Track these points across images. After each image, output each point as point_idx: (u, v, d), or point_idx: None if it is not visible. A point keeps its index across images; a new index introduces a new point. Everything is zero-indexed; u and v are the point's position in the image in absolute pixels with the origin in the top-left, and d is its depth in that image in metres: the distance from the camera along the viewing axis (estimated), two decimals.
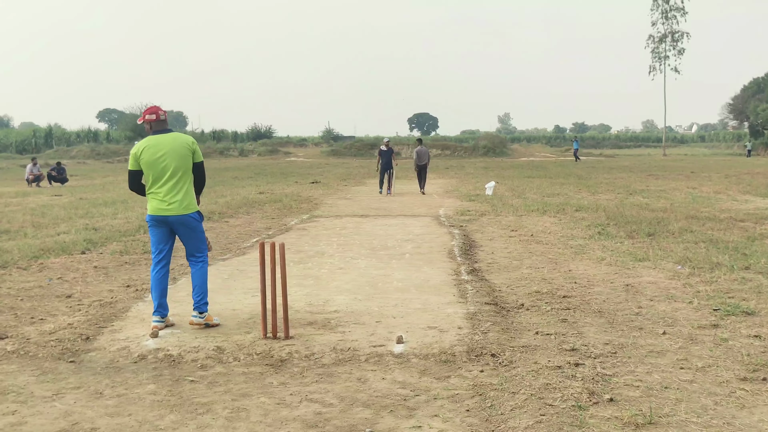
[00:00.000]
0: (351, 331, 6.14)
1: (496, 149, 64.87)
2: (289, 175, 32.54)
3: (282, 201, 18.98)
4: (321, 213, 16.36)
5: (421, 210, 17.04)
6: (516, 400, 4.49)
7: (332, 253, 10.39)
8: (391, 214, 16.05)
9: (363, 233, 12.63)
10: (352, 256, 10.06)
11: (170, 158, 6.22)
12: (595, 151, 71.89)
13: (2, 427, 4.16)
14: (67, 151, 62.52)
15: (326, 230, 13.14)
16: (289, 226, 13.83)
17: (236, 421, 4.27)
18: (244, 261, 9.70)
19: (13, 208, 17.31)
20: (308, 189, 24.05)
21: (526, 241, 11.31)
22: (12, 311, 6.97)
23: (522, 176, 30.35)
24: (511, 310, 6.85)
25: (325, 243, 11.43)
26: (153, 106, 6.40)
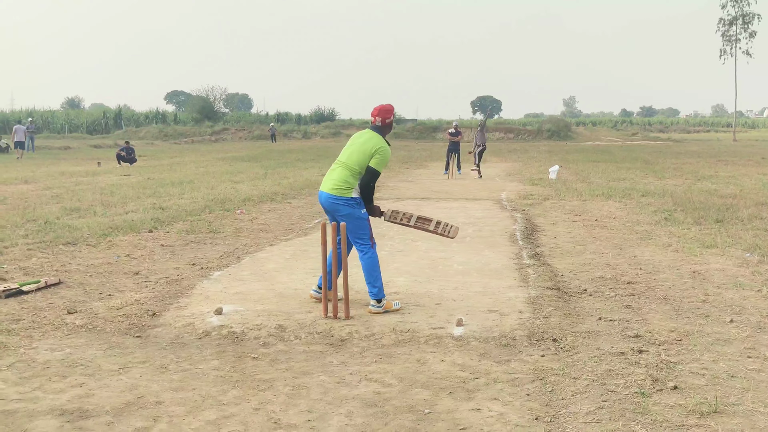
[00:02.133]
0: (411, 313, 6.15)
1: (560, 133, 63.94)
2: None
3: None
4: (381, 195, 16.38)
5: (482, 194, 16.93)
6: (577, 386, 4.44)
7: (392, 235, 10.40)
8: (452, 197, 15.99)
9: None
10: (412, 239, 10.06)
11: (352, 147, 6.48)
12: (663, 136, 70.31)
13: (70, 399, 4.29)
14: (136, 131, 63.85)
15: None
16: None
17: (297, 398, 4.32)
18: (306, 242, 9.79)
19: (84, 187, 17.78)
20: None
21: (590, 226, 11.15)
22: (81, 287, 7.18)
23: (586, 160, 29.86)
24: (573, 296, 6.76)
25: (385, 225, 11.40)
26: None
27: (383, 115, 6.38)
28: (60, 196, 15.33)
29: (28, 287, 6.92)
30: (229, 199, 14.78)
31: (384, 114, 6.39)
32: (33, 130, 40.25)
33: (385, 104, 6.46)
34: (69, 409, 4.13)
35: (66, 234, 10.13)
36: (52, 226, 10.83)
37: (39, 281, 7.13)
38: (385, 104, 6.46)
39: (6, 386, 4.49)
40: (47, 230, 10.49)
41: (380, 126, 6.41)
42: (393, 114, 6.52)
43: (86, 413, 4.07)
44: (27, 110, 72.12)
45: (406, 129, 67.73)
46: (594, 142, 56.20)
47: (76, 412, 4.08)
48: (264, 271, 7.87)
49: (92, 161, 29.13)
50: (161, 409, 4.15)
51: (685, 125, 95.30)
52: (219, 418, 4.01)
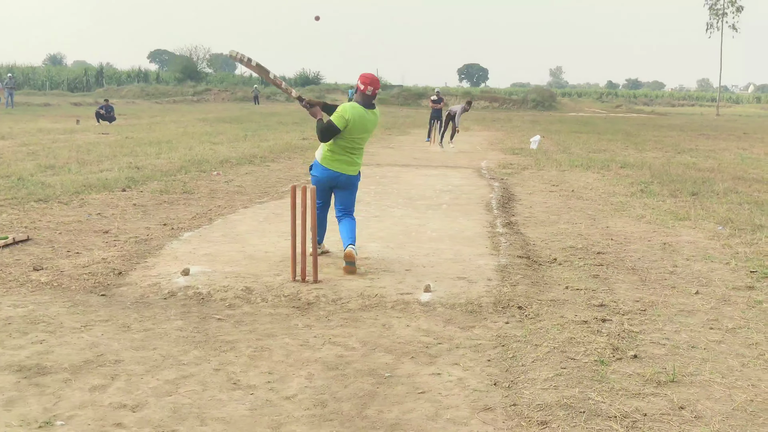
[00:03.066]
0: (380, 278, 6.15)
1: (545, 103, 63.85)
2: None
3: None
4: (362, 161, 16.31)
5: (462, 162, 16.90)
6: (538, 353, 4.47)
7: (369, 201, 10.37)
8: (432, 165, 15.95)
9: (402, 182, 12.59)
10: (388, 205, 10.04)
11: (369, 134, 6.66)
12: (647, 109, 70.38)
13: (29, 355, 4.26)
14: (117, 90, 63.14)
15: (365, 178, 12.96)
16: None
17: (258, 360, 4.32)
18: (281, 205, 9.74)
19: (61, 144, 17.59)
20: None
21: (567, 197, 11.16)
22: (50, 244, 7.11)
23: (569, 131, 29.86)
24: (543, 264, 6.78)
25: (362, 191, 11.32)
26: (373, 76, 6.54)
27: (376, 86, 6.49)
28: (36, 153, 15.17)
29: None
30: (206, 160, 14.67)
31: (377, 84, 6.51)
32: (12, 86, 39.75)
33: (372, 74, 6.56)
34: (27, 365, 4.10)
35: (38, 191, 10.03)
36: (25, 183, 10.73)
37: (7, 237, 7.05)
38: (372, 74, 6.56)
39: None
40: (20, 187, 10.38)
41: (371, 96, 6.49)
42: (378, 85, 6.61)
43: (44, 369, 4.05)
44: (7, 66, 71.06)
45: (391, 95, 67.31)
46: (578, 114, 56.20)
47: (33, 368, 4.06)
48: (235, 233, 7.83)
49: (71, 119, 28.78)
50: (120, 367, 4.13)
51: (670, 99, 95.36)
52: (178, 378, 4.00)
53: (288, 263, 6.35)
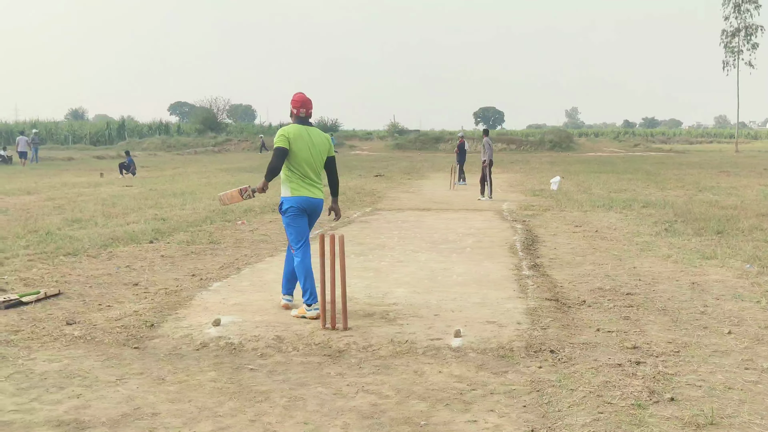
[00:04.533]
0: (409, 324, 6.15)
1: (562, 144, 63.92)
2: (353, 169, 32.69)
3: (345, 194, 19.09)
4: (383, 206, 16.41)
5: (483, 204, 16.94)
6: (574, 397, 4.44)
7: (393, 245, 10.42)
8: (452, 208, 16.00)
9: (424, 227, 12.63)
10: (412, 249, 10.07)
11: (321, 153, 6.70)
12: (665, 147, 70.28)
13: (67, 410, 4.30)
14: (139, 142, 64.00)
15: (388, 223, 13.18)
16: (352, 218, 13.91)
17: (293, 410, 4.32)
18: None
19: (86, 197, 17.82)
20: (372, 182, 24.15)
21: (591, 237, 11.15)
22: (80, 298, 7.19)
23: (588, 171, 29.87)
24: (572, 307, 6.76)
25: (386, 236, 11.47)
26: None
27: (308, 107, 6.68)
28: (62, 207, 15.37)
29: (28, 298, 6.93)
30: (230, 210, 14.80)
31: (310, 106, 6.71)
32: (37, 141, 40.41)
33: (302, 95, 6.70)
34: (65, 420, 4.14)
35: (67, 245, 10.15)
36: (54, 237, 10.86)
37: (39, 292, 7.14)
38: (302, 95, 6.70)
39: (3, 397, 4.50)
40: (48, 241, 10.51)
41: (305, 116, 6.67)
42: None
43: (83, 424, 4.08)
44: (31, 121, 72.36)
45: (408, 140, 67.72)
46: (596, 153, 56.24)
47: (72, 423, 4.09)
48: (263, 282, 7.87)
49: (95, 172, 29.19)
50: (157, 420, 4.15)
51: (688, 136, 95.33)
52: (215, 430, 4.02)
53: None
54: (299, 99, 6.64)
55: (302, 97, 6.66)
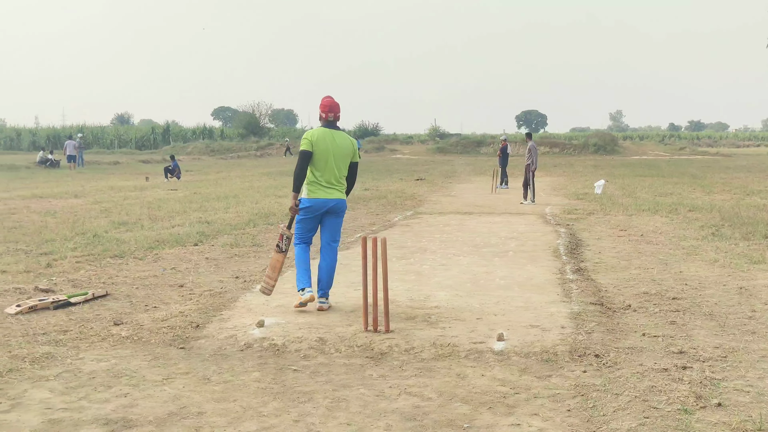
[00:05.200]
0: (451, 327, 6.14)
1: (606, 147, 63.19)
2: (394, 172, 32.76)
3: (386, 197, 19.14)
4: (424, 210, 16.40)
5: (526, 208, 16.84)
6: (619, 402, 4.39)
7: (434, 249, 10.41)
8: (495, 212, 15.93)
9: (466, 230, 12.60)
10: (454, 253, 10.05)
11: (344, 157, 6.87)
12: (712, 150, 69.11)
13: (115, 409, 4.37)
14: (183, 147, 64.80)
15: (429, 227, 13.17)
16: (393, 222, 13.93)
17: (336, 411, 4.34)
18: (348, 255, 9.82)
19: (132, 201, 18.12)
20: (413, 186, 24.15)
21: (636, 241, 11.02)
22: (128, 299, 7.31)
23: (633, 175, 29.53)
24: (617, 311, 6.69)
25: (427, 239, 11.46)
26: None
27: (336, 110, 6.84)
28: (108, 210, 15.64)
29: (76, 299, 7.07)
30: (273, 213, 14.93)
31: (337, 110, 6.86)
32: (82, 146, 41.20)
33: (330, 99, 6.87)
34: (113, 418, 4.21)
35: (114, 247, 10.33)
36: (101, 240, 11.06)
37: (87, 293, 7.28)
38: (330, 99, 6.87)
39: (53, 396, 4.60)
40: (95, 243, 10.71)
41: (333, 120, 6.84)
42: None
43: (130, 423, 4.15)
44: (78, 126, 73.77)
45: (450, 143, 67.59)
46: (641, 157, 55.55)
47: (120, 422, 4.16)
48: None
49: (140, 176, 29.67)
50: (203, 419, 4.20)
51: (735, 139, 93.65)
52: (259, 429, 4.05)
53: (359, 313, 6.40)
54: (327, 103, 6.81)
55: (330, 101, 6.82)
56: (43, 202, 17.60)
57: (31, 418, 4.21)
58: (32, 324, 6.29)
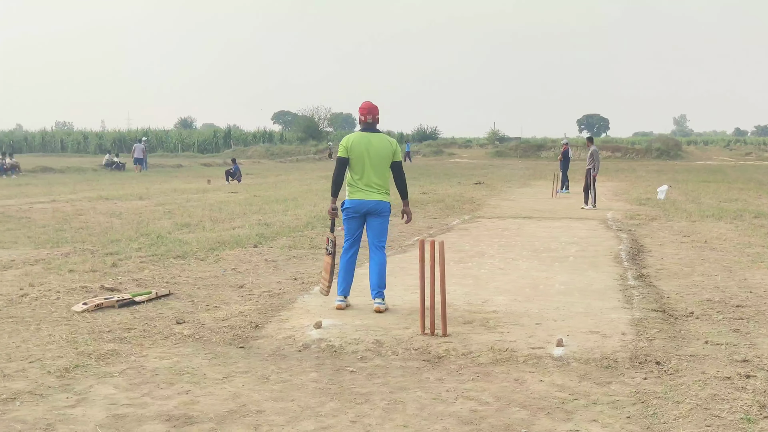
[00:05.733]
0: (509, 332, 6.10)
1: (670, 152, 62.08)
2: (452, 176, 32.68)
3: (444, 201, 19.10)
4: (483, 214, 16.33)
5: (587, 213, 16.63)
6: (680, 410, 4.31)
7: (493, 253, 10.35)
8: (555, 217, 15.77)
9: (525, 235, 12.50)
10: (513, 258, 9.99)
11: (381, 157, 7.02)
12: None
13: (177, 405, 4.46)
14: (244, 150, 65.77)
15: (488, 231, 13.10)
16: (451, 226, 13.90)
17: (393, 413, 4.36)
18: (405, 258, 9.85)
19: (194, 203, 18.45)
20: (471, 190, 24.05)
21: (699, 248, 10.79)
22: (189, 298, 7.45)
23: (697, 180, 28.92)
24: (679, 318, 6.56)
25: (486, 243, 11.41)
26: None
27: (374, 113, 7.01)
28: (171, 212, 15.96)
29: (140, 298, 7.24)
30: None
31: (376, 112, 7.03)
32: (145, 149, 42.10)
33: (368, 102, 7.05)
34: (175, 414, 4.30)
35: (176, 248, 10.54)
36: (164, 240, 11.30)
37: (150, 292, 7.45)
38: (368, 102, 7.05)
39: (117, 391, 4.72)
40: (159, 244, 10.94)
41: (372, 122, 7.01)
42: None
43: (191, 419, 4.23)
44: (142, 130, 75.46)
45: (509, 147, 67.17)
46: (705, 162, 54.36)
47: (182, 418, 4.25)
48: (362, 287, 7.93)
49: (202, 179, 30.19)
50: (262, 417, 4.26)
51: None
52: (317, 429, 4.09)
53: (416, 316, 6.41)
54: (365, 106, 7.02)
55: (368, 104, 7.03)
56: (108, 204, 18.04)
57: (96, 413, 4.33)
58: (98, 322, 6.47)
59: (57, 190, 22.68)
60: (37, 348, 5.65)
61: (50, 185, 25.50)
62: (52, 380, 4.90)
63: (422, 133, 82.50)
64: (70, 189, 23.52)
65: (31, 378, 4.95)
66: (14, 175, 32.17)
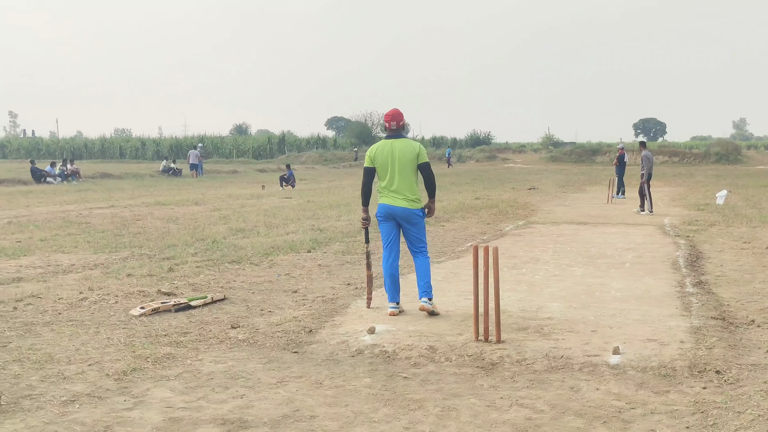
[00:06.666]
0: (564, 339, 6.02)
1: (729, 156, 60.69)
2: (506, 181, 32.46)
3: (498, 207, 18.98)
4: (537, 219, 16.17)
5: (644, 219, 16.35)
6: (741, 420, 4.20)
7: (547, 259, 10.24)
8: (611, 222, 15.54)
9: (580, 241, 12.34)
10: (567, 264, 9.86)
11: (405, 161, 7.04)
12: None
13: (231, 409, 4.51)
14: (298, 156, 66.28)
15: (542, 237, 12.97)
16: (505, 231, 13.80)
17: (446, 420, 4.34)
18: (459, 264, 9.81)
19: (249, 208, 18.66)
20: (525, 195, 23.86)
21: (760, 254, 10.51)
22: (244, 303, 7.54)
23: (757, 185, 28.21)
24: (739, 326, 6.41)
25: (540, 249, 11.29)
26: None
27: (398, 119, 7.06)
28: (227, 217, 16.17)
29: (196, 302, 7.34)
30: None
31: (400, 118, 7.08)
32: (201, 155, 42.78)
33: (394, 110, 7.09)
34: (230, 418, 4.35)
35: (231, 253, 10.67)
36: (219, 246, 11.45)
37: (206, 297, 7.55)
38: (394, 110, 7.09)
39: (173, 395, 4.79)
40: (214, 249, 11.09)
41: (396, 129, 7.08)
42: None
43: (246, 423, 4.27)
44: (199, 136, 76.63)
45: (563, 152, 66.47)
46: (766, 166, 53.00)
47: (236, 422, 4.29)
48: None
49: (257, 184, 30.54)
50: (315, 423, 4.28)
51: None
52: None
53: (469, 322, 6.38)
54: (390, 114, 7.08)
55: (392, 111, 7.10)
56: (165, 209, 18.37)
57: (153, 416, 4.40)
58: (155, 325, 6.58)
59: (115, 196, 23.19)
60: (95, 351, 5.77)
61: (109, 191, 26.07)
62: (110, 383, 5.00)
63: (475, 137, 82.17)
64: (128, 195, 24.01)
65: (90, 380, 5.06)
66: (75, 181, 33.01)
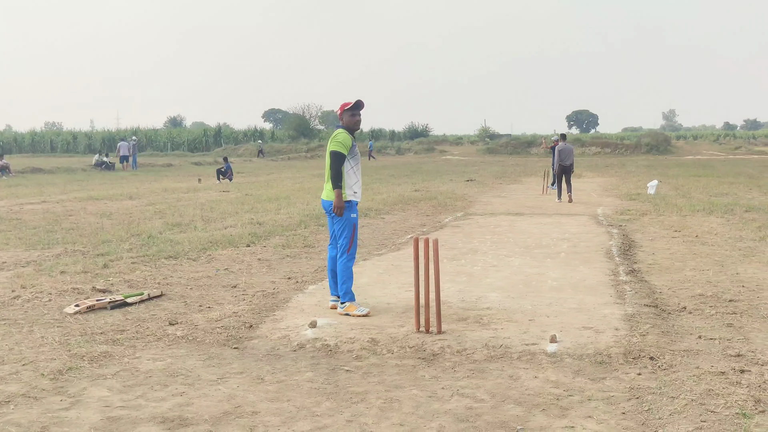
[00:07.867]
0: (503, 329, 6.11)
1: (659, 147, 62.21)
2: (444, 173, 32.68)
3: (437, 198, 19.10)
4: (475, 211, 16.33)
5: (578, 209, 16.66)
6: (675, 405, 4.33)
7: (486, 250, 10.36)
8: (546, 213, 15.79)
9: (517, 231, 12.52)
10: (505, 254, 10.00)
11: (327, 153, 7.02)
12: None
13: (171, 407, 4.45)
14: (235, 149, 65.57)
15: (480, 228, 13.11)
16: (444, 223, 13.90)
17: (389, 411, 4.36)
18: (399, 256, 9.85)
19: (185, 202, 18.39)
20: (463, 187, 24.06)
21: (690, 242, 10.82)
22: (182, 299, 7.44)
23: (687, 175, 29.00)
24: (672, 313, 6.59)
25: (478, 240, 11.42)
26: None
27: (339, 111, 6.97)
28: (162, 212, 15.90)
29: (133, 299, 7.21)
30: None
31: (339, 110, 6.97)
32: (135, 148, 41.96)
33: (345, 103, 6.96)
34: (170, 416, 4.29)
35: (168, 248, 10.51)
36: (155, 241, 11.26)
37: (142, 293, 7.42)
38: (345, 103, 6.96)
39: (111, 394, 4.70)
40: (150, 244, 10.90)
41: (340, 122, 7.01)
42: (342, 109, 6.92)
43: (186, 421, 4.22)
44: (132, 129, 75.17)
45: (499, 144, 67.23)
46: (695, 157, 54.55)
47: (176, 420, 4.23)
48: (357, 286, 7.92)
49: (193, 178, 30.11)
50: (257, 419, 4.26)
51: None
52: (313, 429, 4.09)
53: (411, 314, 6.42)
54: (340, 106, 6.97)
55: (342, 104, 6.97)
56: (99, 204, 17.97)
57: (91, 416, 4.31)
58: (90, 323, 6.45)
59: (47, 191, 22.58)
60: (30, 350, 5.63)
61: (40, 186, 25.38)
62: (45, 383, 4.89)
63: (413, 130, 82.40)
64: (60, 189, 23.42)
65: (25, 381, 4.93)
66: (5, 176, 32.01)
